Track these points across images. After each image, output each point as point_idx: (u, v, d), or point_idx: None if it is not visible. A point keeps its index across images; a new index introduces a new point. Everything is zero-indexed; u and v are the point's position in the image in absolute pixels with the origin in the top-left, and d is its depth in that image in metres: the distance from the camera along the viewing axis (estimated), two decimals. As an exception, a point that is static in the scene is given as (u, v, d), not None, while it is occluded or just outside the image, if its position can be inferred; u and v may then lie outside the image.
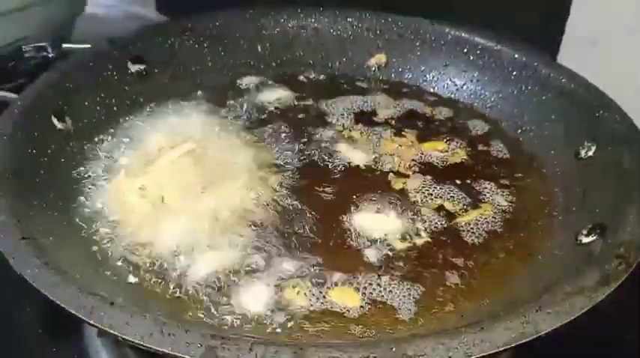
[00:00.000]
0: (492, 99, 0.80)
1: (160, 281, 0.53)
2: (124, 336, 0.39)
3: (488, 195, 0.65)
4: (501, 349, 0.39)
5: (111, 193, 0.61)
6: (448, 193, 0.65)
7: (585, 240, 0.54)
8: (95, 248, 0.56)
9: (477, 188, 0.66)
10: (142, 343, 0.39)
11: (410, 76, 0.86)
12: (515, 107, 0.78)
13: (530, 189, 0.67)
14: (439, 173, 0.68)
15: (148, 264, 0.55)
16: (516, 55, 0.80)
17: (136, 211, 0.60)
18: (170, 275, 0.54)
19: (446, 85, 0.84)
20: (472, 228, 0.61)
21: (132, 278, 0.53)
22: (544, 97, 0.75)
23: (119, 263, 0.55)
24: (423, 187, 0.66)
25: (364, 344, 0.40)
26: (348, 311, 0.51)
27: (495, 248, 0.59)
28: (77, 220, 0.58)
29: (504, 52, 0.81)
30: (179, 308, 0.51)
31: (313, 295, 0.52)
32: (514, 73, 0.79)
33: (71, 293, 0.42)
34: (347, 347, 0.38)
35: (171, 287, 0.53)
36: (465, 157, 0.71)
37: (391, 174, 0.68)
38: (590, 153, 0.65)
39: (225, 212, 0.60)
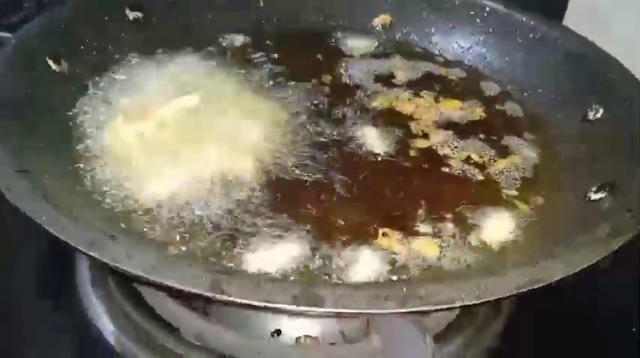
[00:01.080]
0: (498, 62, 0.79)
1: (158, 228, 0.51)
2: (126, 269, 0.38)
3: (513, 146, 0.66)
4: (514, 293, 0.38)
5: (108, 136, 0.59)
6: (472, 146, 0.65)
7: (594, 196, 0.54)
8: (91, 190, 0.54)
9: (500, 142, 0.67)
10: (144, 276, 0.37)
11: (415, 37, 0.85)
12: (521, 70, 0.77)
13: (537, 150, 0.66)
14: (461, 129, 0.68)
15: (147, 211, 0.53)
16: (524, 19, 0.79)
17: (133, 155, 0.58)
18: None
19: (452, 48, 0.83)
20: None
21: (136, 224, 0.51)
22: (551, 61, 0.75)
23: (116, 207, 0.53)
24: (447, 141, 0.66)
25: (379, 285, 0.39)
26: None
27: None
28: (73, 161, 0.56)
29: (512, 15, 0.80)
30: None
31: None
32: (522, 36, 0.78)
33: (72, 227, 0.41)
34: (360, 286, 0.38)
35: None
36: (482, 115, 0.71)
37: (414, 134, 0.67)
38: (598, 115, 0.65)
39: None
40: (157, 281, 0.37)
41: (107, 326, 0.58)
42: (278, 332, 0.55)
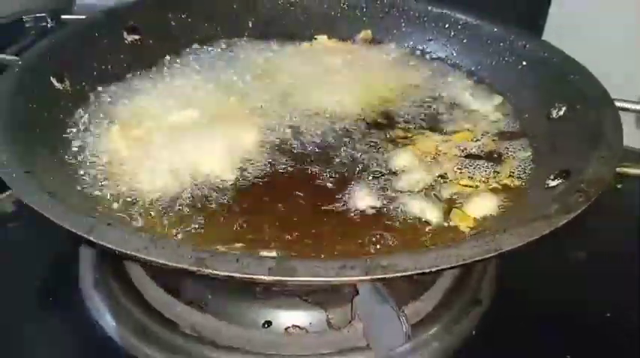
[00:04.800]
0: (472, 69, 0.85)
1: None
2: (121, 250, 0.42)
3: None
4: (467, 261, 0.43)
5: (104, 142, 0.65)
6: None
7: (552, 183, 0.58)
8: (87, 188, 0.60)
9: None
10: (138, 256, 0.42)
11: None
12: (492, 76, 0.82)
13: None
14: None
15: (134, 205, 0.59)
16: (495, 29, 0.84)
17: (126, 158, 0.63)
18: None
19: (429, 58, 0.88)
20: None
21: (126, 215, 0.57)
22: (519, 67, 0.80)
23: (110, 203, 0.58)
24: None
25: (344, 256, 0.43)
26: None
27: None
28: (72, 164, 0.62)
29: (483, 27, 0.85)
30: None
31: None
32: (492, 45, 0.83)
33: (74, 216, 0.45)
34: (328, 259, 0.42)
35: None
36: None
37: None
38: (561, 113, 0.69)
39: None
40: (149, 259, 0.42)
41: (110, 324, 0.61)
42: (268, 323, 0.59)
